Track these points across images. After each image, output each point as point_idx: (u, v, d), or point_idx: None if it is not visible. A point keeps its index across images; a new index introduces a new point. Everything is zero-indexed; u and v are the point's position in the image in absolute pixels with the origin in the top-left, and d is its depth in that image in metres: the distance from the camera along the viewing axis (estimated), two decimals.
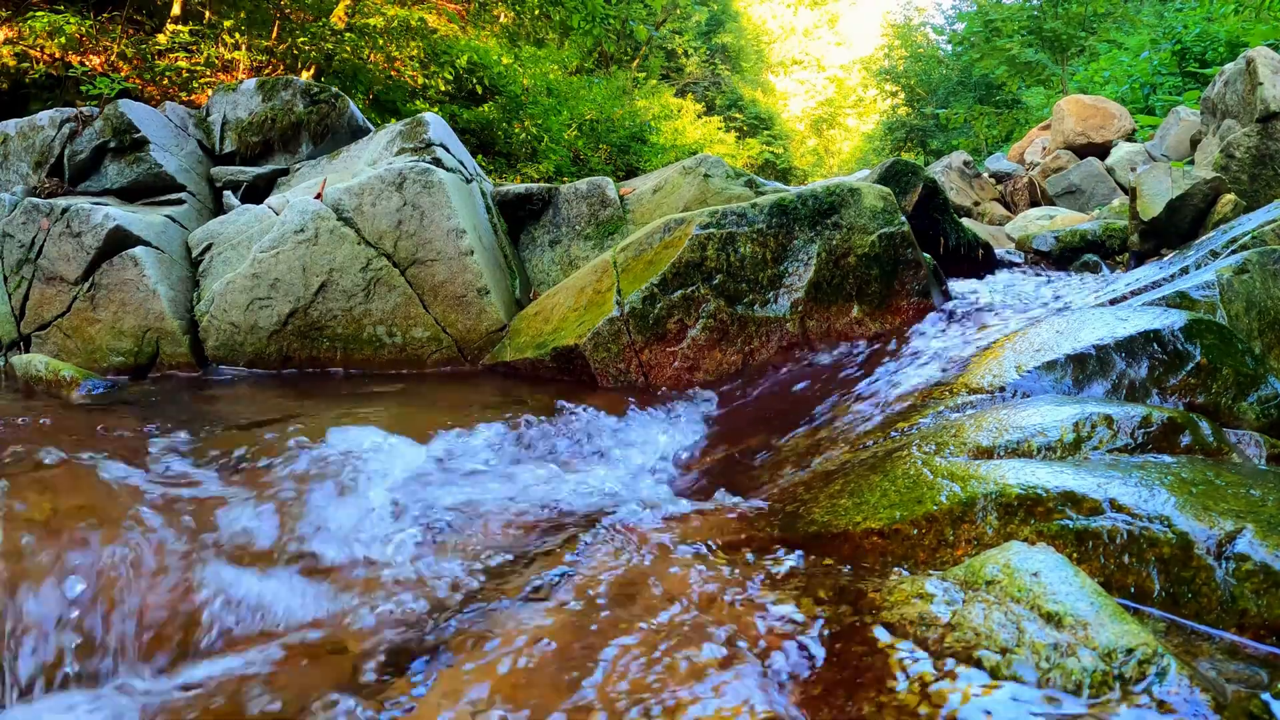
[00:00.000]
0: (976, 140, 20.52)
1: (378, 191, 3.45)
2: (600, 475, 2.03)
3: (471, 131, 10.64)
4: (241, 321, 3.41)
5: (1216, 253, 2.94)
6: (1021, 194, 10.44)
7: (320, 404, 2.80)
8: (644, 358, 2.82)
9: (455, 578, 1.42)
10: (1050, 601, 1.00)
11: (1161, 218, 4.77)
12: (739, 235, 2.90)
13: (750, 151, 23.98)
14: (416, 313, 3.39)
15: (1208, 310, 2.18)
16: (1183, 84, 12.33)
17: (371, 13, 9.16)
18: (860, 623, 1.10)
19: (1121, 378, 1.87)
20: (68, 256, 3.57)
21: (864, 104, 35.49)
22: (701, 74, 25.80)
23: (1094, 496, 1.24)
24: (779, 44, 37.15)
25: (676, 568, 1.37)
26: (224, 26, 8.18)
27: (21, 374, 3.10)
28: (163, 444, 2.01)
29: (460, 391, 3.03)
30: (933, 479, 1.43)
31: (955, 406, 1.88)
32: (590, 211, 4.06)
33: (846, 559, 1.35)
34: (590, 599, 1.28)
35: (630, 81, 18.08)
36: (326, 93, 4.49)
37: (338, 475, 1.79)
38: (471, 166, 4.13)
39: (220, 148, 4.45)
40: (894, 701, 0.93)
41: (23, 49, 6.91)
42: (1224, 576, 1.09)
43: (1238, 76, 5.99)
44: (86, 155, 4.15)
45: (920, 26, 28.90)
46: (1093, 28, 17.57)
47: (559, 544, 1.54)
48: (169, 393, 3.03)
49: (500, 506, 1.75)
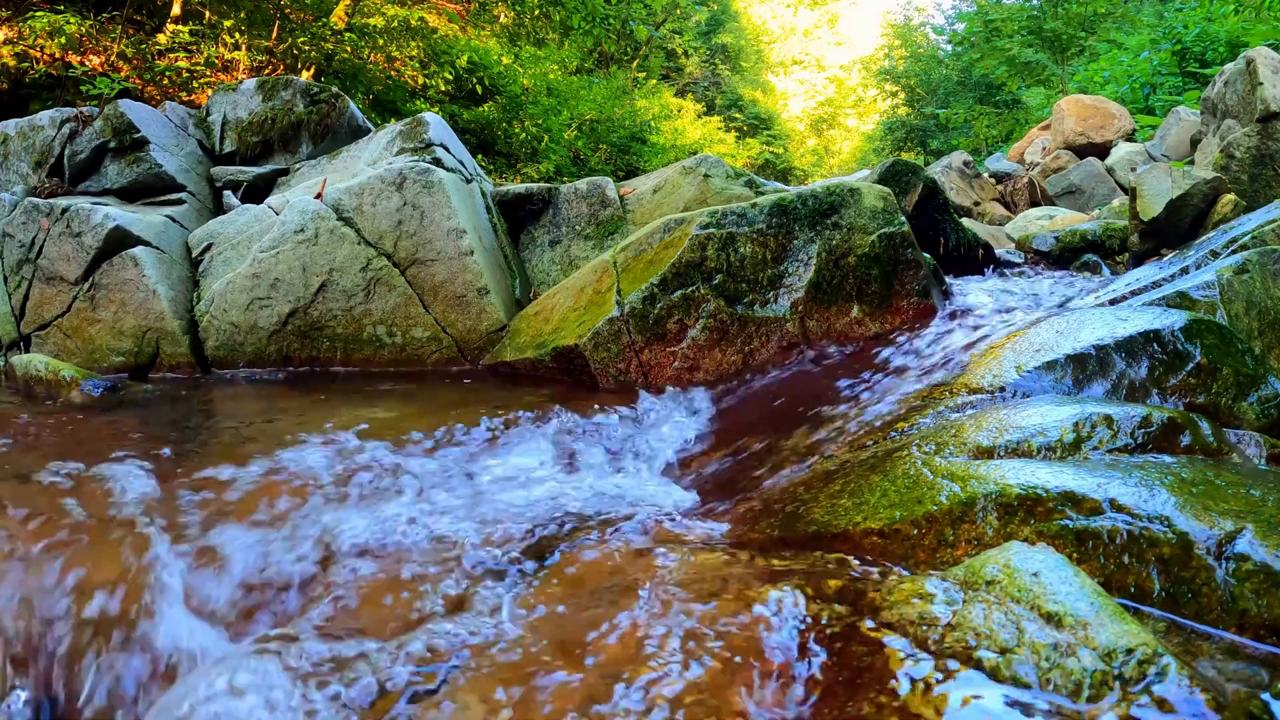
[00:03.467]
0: (976, 140, 20.51)
1: (378, 191, 3.45)
2: (599, 475, 2.03)
3: (471, 131, 10.63)
4: (241, 321, 3.41)
5: (1216, 253, 2.94)
6: (1021, 194, 10.44)
7: (320, 404, 2.80)
8: (644, 358, 2.82)
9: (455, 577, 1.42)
10: (1050, 601, 1.00)
11: (1161, 218, 4.77)
12: (739, 235, 2.90)
13: (750, 151, 23.96)
14: (416, 313, 3.39)
15: (1208, 310, 2.18)
16: (1183, 84, 12.32)
17: (371, 13, 9.16)
18: (860, 623, 1.10)
19: (1121, 378, 1.87)
20: (68, 256, 3.57)
21: (864, 104, 35.49)
22: (701, 74, 25.79)
23: (1094, 496, 1.24)
24: (779, 44, 37.14)
25: (675, 568, 1.37)
26: (224, 26, 8.18)
27: (21, 374, 3.10)
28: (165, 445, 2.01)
29: (460, 392, 3.03)
30: (933, 479, 1.43)
31: (955, 406, 1.88)
32: (590, 211, 4.06)
33: (846, 559, 1.35)
34: (587, 596, 1.28)
35: (630, 81, 18.08)
36: (326, 93, 4.49)
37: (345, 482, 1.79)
38: (471, 166, 4.13)
39: (220, 148, 4.45)
40: (894, 702, 0.93)
41: (23, 49, 6.91)
42: (1224, 576, 1.09)
43: (1238, 76, 5.99)
44: (86, 155, 4.15)
45: (920, 26, 28.92)
46: (1093, 28, 17.57)
47: (556, 543, 1.54)
48: (169, 393, 3.03)
49: (489, 508, 1.75)
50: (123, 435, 2.26)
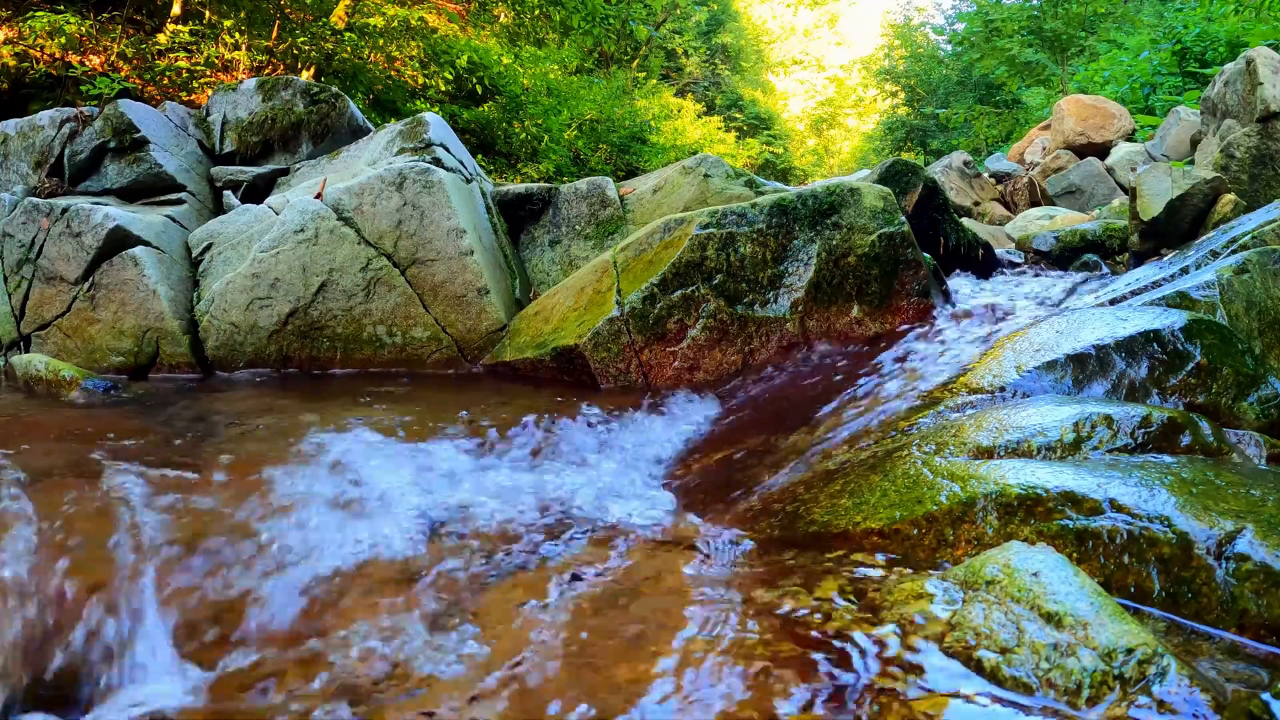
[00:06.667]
0: (976, 140, 20.52)
1: (378, 191, 3.45)
2: (598, 475, 2.03)
3: (471, 131, 10.63)
4: (241, 321, 3.41)
5: (1216, 253, 2.94)
6: (1021, 194, 10.44)
7: (320, 404, 2.80)
8: (644, 358, 2.82)
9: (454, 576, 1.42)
10: (1050, 601, 1.00)
11: (1161, 218, 4.77)
12: (739, 235, 2.90)
13: (750, 151, 23.97)
14: (416, 313, 3.39)
15: (1208, 310, 2.18)
16: (1183, 84, 12.33)
17: (371, 12, 9.15)
18: (860, 622, 1.10)
19: (1121, 378, 1.87)
20: (68, 256, 3.57)
21: (864, 104, 35.51)
22: (701, 74, 25.80)
23: (1094, 496, 1.24)
24: (779, 44, 37.15)
25: (674, 568, 1.37)
26: (224, 26, 8.17)
27: (21, 374, 3.10)
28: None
29: (460, 392, 3.03)
30: (933, 479, 1.43)
31: (955, 406, 1.88)
32: (590, 211, 4.06)
33: (846, 559, 1.35)
34: (586, 598, 1.28)
35: (630, 81, 18.08)
36: (326, 93, 4.49)
37: (340, 478, 1.79)
38: (471, 166, 4.13)
39: (220, 148, 4.45)
40: (894, 701, 0.93)
41: (23, 49, 6.91)
42: (1224, 576, 1.09)
43: (1238, 76, 5.99)
44: (86, 155, 4.15)
45: (920, 26, 28.93)
46: (1093, 28, 17.58)
47: (554, 543, 1.54)
48: (169, 393, 3.03)
49: (496, 508, 1.75)
50: (122, 435, 2.26)
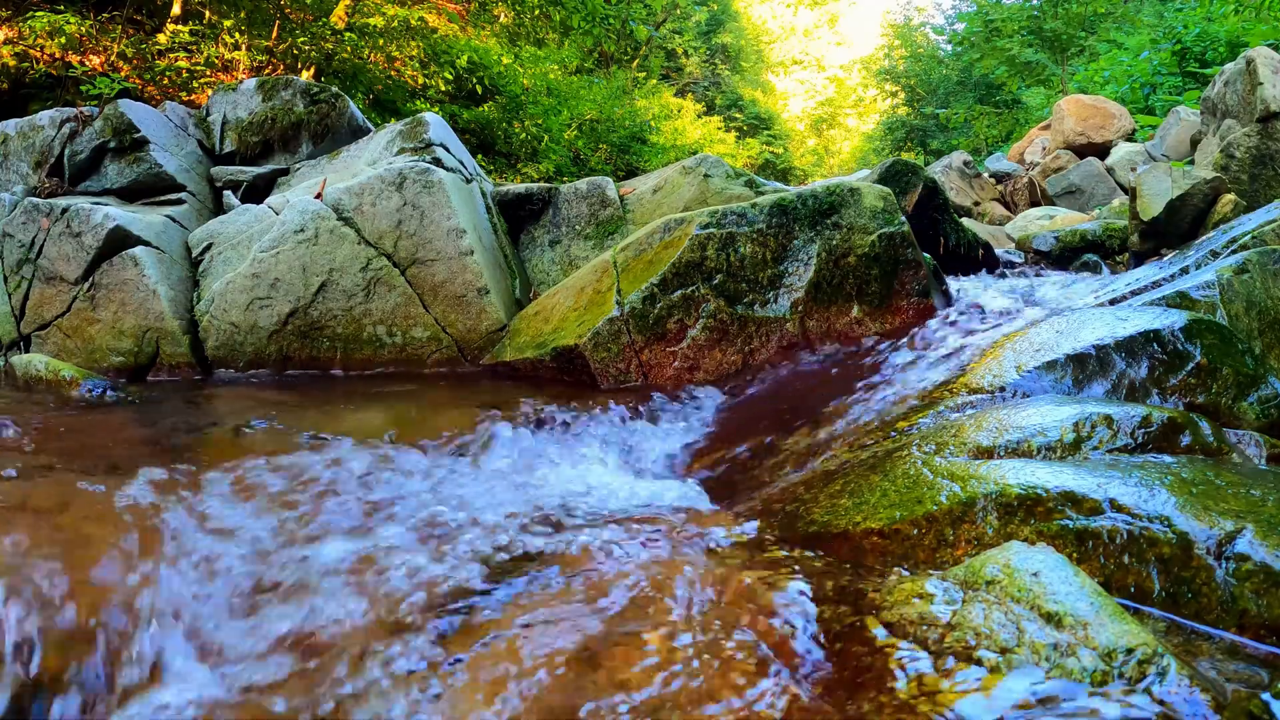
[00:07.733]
0: (976, 140, 20.52)
1: (378, 191, 3.45)
2: (598, 475, 2.03)
3: (471, 131, 10.63)
4: (241, 321, 3.41)
5: (1216, 253, 2.94)
6: (1021, 194, 10.44)
7: (319, 404, 2.80)
8: (644, 358, 2.82)
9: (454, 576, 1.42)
10: (1050, 601, 1.00)
11: (1161, 218, 4.78)
12: (739, 235, 2.90)
13: (750, 151, 23.97)
14: (416, 312, 3.39)
15: (1208, 310, 2.18)
16: (1183, 84, 12.33)
17: (371, 12, 9.15)
18: (860, 622, 1.10)
19: (1121, 378, 1.87)
20: (68, 256, 3.57)
21: (864, 104, 35.51)
22: (701, 74, 25.79)
23: (1094, 496, 1.24)
24: (779, 44, 37.14)
25: (675, 568, 1.37)
26: (224, 26, 8.17)
27: (21, 374, 3.10)
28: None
29: (459, 392, 3.03)
30: (933, 479, 1.43)
31: (955, 406, 1.88)
32: (590, 211, 4.06)
33: (846, 559, 1.35)
34: (588, 597, 1.28)
35: (630, 81, 18.08)
36: (326, 93, 4.49)
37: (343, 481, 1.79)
38: (471, 166, 4.13)
39: (220, 148, 4.45)
40: (894, 701, 0.93)
41: (23, 49, 6.91)
42: (1224, 576, 1.09)
43: (1238, 76, 5.99)
44: (86, 155, 4.15)
45: (920, 26, 28.93)
46: (1093, 28, 17.58)
47: (553, 544, 1.54)
48: (168, 393, 3.03)
49: (493, 508, 1.75)
50: (121, 435, 2.26)
